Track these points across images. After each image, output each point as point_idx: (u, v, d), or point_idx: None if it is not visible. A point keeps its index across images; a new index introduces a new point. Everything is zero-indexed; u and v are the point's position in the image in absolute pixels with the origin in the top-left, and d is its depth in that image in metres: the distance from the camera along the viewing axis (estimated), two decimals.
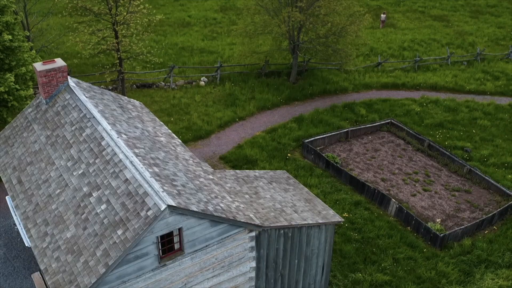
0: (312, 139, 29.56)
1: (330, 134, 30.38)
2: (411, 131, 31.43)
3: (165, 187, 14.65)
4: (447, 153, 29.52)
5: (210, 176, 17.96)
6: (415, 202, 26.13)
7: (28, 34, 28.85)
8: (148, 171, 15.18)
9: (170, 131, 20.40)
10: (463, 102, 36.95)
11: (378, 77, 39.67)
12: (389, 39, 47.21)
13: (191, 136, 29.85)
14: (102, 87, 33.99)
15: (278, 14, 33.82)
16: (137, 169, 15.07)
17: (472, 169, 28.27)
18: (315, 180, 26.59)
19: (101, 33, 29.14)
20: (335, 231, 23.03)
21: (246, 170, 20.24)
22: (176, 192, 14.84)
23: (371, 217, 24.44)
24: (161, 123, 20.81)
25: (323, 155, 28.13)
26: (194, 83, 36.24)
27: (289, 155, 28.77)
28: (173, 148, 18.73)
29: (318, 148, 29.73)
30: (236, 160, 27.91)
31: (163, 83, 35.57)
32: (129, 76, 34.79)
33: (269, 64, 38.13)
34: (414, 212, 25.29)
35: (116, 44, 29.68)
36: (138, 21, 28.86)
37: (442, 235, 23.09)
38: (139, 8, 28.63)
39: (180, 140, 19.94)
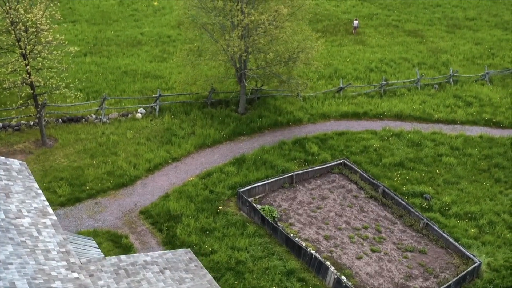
0: (250, 186, 25.94)
1: (271, 180, 26.76)
2: (364, 174, 27.89)
3: None
4: (403, 202, 26.02)
5: (75, 275, 14.33)
6: (360, 267, 22.57)
7: None
8: None
9: (46, 204, 16.76)
10: (429, 134, 33.46)
11: (338, 104, 36.08)
12: (356, 59, 43.64)
13: (112, 183, 26.19)
14: (22, 123, 30.30)
15: (218, 40, 30.20)
16: None
17: (429, 223, 24.77)
18: (245, 241, 22.94)
19: (5, 68, 25.45)
20: None
21: (136, 254, 16.65)
22: None
23: None
24: (38, 192, 17.17)
25: (258, 208, 24.53)
26: (130, 115, 32.53)
27: (220, 207, 25.15)
28: (36, 234, 15.10)
29: (258, 197, 26.16)
30: (158, 215, 24.27)
31: (94, 116, 31.84)
32: (53, 109, 31.04)
33: (216, 92, 34.49)
34: (357, 282, 21.75)
35: (27, 78, 26.07)
36: (46, 53, 25.22)
37: None
38: (47, 40, 24.97)
39: (54, 218, 16.29)
